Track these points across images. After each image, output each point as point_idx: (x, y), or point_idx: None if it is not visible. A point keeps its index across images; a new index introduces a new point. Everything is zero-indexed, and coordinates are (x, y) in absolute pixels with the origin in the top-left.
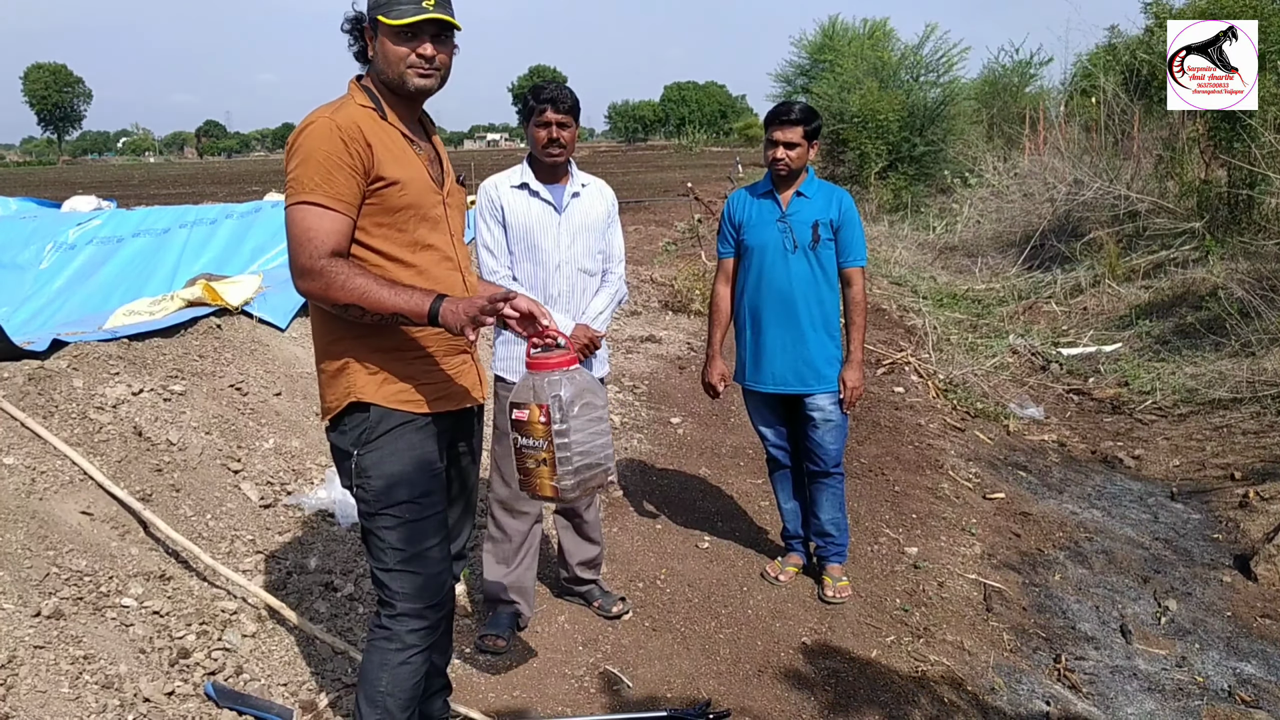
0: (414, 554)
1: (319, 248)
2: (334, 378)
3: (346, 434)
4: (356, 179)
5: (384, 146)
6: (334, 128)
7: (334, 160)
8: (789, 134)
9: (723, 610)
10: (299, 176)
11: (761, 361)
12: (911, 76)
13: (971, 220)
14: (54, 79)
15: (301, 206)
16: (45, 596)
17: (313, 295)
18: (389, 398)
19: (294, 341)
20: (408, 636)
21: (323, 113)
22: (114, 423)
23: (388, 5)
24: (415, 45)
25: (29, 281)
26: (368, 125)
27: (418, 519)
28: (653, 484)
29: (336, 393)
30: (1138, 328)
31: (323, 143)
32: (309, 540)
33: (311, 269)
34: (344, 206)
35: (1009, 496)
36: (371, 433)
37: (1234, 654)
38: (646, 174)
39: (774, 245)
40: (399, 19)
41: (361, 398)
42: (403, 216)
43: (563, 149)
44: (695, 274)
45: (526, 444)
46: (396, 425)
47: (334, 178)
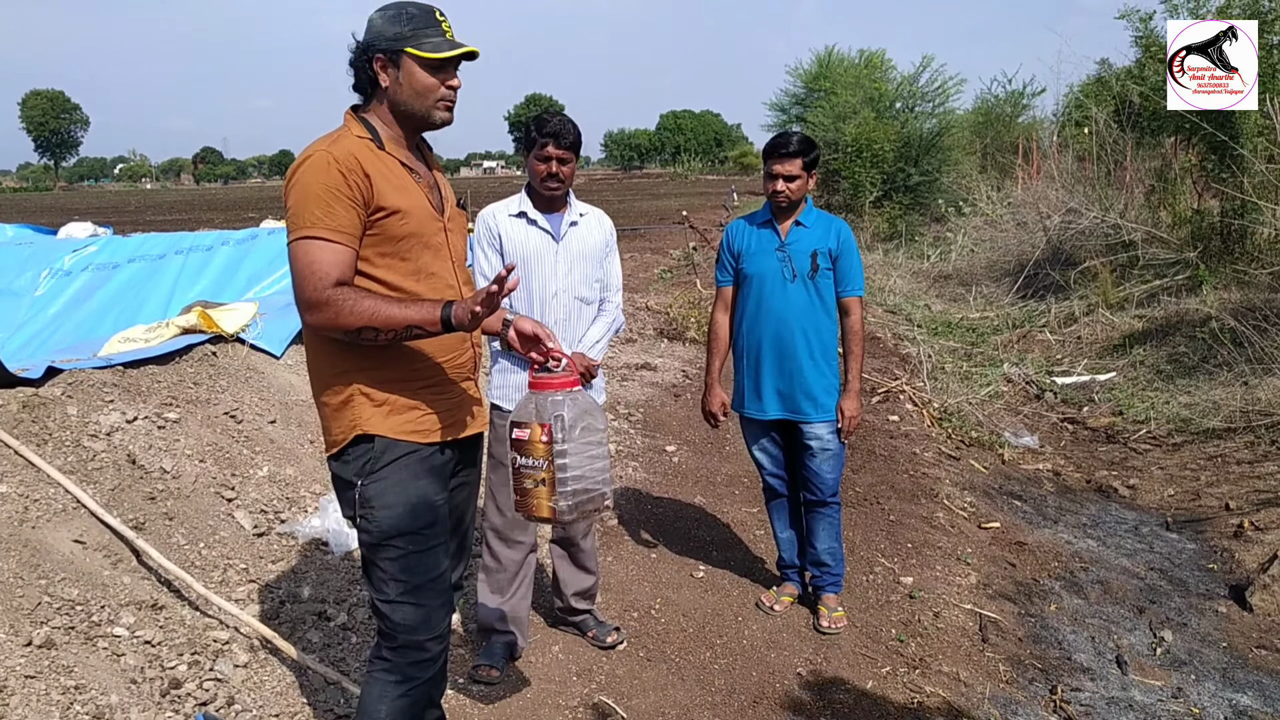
0: (415, 586)
1: (323, 280)
2: (339, 410)
3: (349, 464)
4: (356, 210)
5: (383, 177)
6: (331, 160)
7: (333, 193)
8: (788, 166)
9: (718, 640)
10: (299, 212)
11: (760, 390)
12: (907, 107)
13: (966, 249)
14: (51, 105)
15: (304, 242)
16: (37, 626)
17: (323, 327)
18: (394, 429)
19: (289, 369)
20: (409, 669)
21: (319, 146)
22: (108, 450)
23: (416, 38)
24: (445, 78)
25: (24, 308)
26: (365, 156)
27: (420, 550)
28: (648, 512)
29: (341, 425)
30: (1132, 357)
31: (321, 176)
32: (302, 569)
33: (318, 301)
34: (346, 238)
35: (1004, 526)
36: (375, 463)
37: (1230, 685)
38: (642, 202)
39: (773, 274)
40: (435, 52)
41: (367, 430)
42: (405, 245)
43: (561, 183)
44: (690, 302)
45: (526, 464)
46: (401, 456)
47: (334, 210)
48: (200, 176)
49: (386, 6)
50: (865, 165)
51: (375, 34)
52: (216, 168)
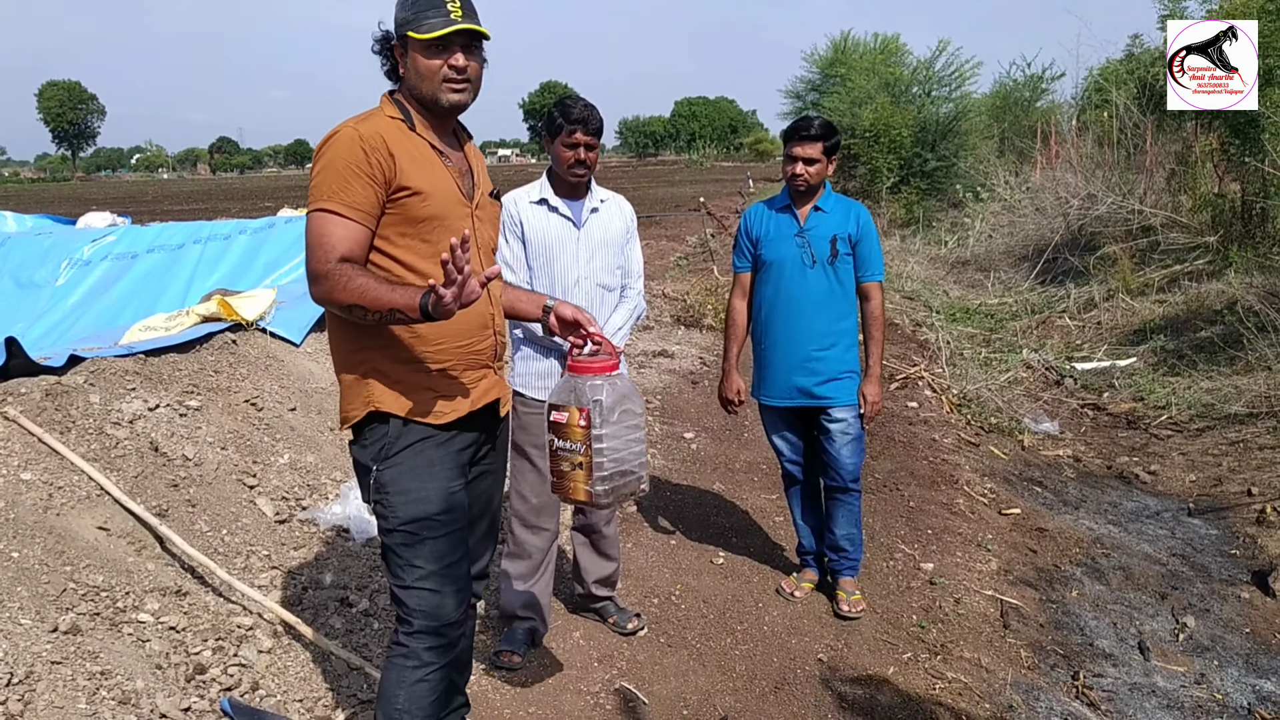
0: (432, 572)
1: (329, 253)
2: (353, 386)
3: (367, 448)
4: (375, 188)
5: (410, 158)
6: (356, 137)
7: (352, 169)
8: (808, 150)
9: (738, 626)
10: (318, 184)
11: (779, 375)
12: (923, 91)
13: (984, 235)
14: (68, 96)
15: (318, 214)
16: (62, 612)
17: (322, 299)
18: (408, 409)
19: (309, 357)
20: (425, 654)
21: (349, 123)
22: (130, 438)
23: (416, 20)
24: (447, 57)
25: (45, 298)
26: (393, 136)
27: (437, 536)
28: (667, 499)
29: (356, 402)
30: (1152, 342)
31: (343, 151)
32: (324, 555)
33: (321, 272)
34: (359, 215)
35: (1025, 512)
36: (391, 448)
37: (1253, 671)
38: (657, 189)
39: (792, 260)
40: (428, 32)
41: (380, 407)
42: (426, 227)
43: (587, 170)
44: (707, 289)
45: (563, 447)
46: (416, 440)
47: (350, 186)
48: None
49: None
50: (882, 151)
51: (394, 23)
52: (233, 158)
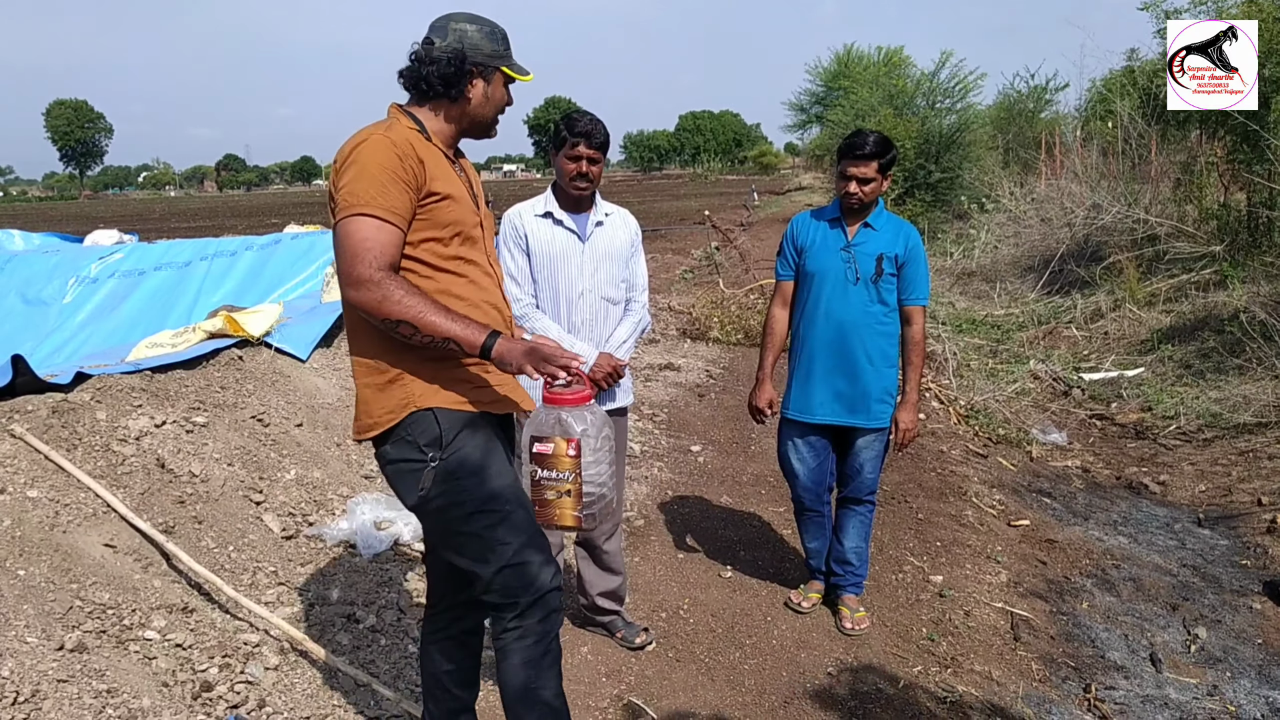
0: (523, 544)
1: (377, 259)
2: (385, 389)
3: (410, 442)
4: (409, 194)
5: (434, 163)
6: (389, 143)
7: (389, 174)
8: (864, 169)
9: (747, 640)
10: (354, 190)
11: (813, 391)
12: (927, 103)
13: (989, 246)
14: (76, 115)
15: (358, 219)
16: (69, 630)
17: (363, 306)
18: (449, 401)
19: (315, 372)
20: (539, 627)
21: (375, 130)
22: (137, 455)
23: (508, 58)
24: (509, 95)
25: (52, 315)
26: (419, 143)
27: (515, 509)
28: (674, 513)
29: (390, 404)
30: (1160, 352)
31: (379, 156)
32: (331, 572)
33: (368, 279)
34: (398, 220)
35: (1034, 523)
36: (449, 433)
37: (1266, 682)
38: (662, 203)
39: (835, 274)
40: (523, 75)
41: (421, 405)
42: (449, 232)
43: (590, 183)
44: (713, 301)
45: (548, 476)
46: (466, 425)
47: (389, 191)
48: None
49: (475, 20)
50: None
51: (472, 46)
52: (239, 175)
